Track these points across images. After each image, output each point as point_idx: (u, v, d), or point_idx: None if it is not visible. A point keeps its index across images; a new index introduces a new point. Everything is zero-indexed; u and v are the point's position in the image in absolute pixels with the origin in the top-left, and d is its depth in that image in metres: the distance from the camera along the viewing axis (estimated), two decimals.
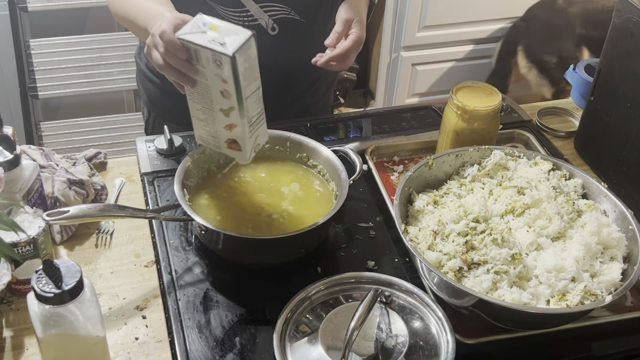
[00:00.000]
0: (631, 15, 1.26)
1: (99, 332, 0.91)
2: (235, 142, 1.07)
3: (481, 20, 2.84)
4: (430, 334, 0.98)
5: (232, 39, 0.95)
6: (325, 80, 1.59)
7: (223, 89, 0.99)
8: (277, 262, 1.15)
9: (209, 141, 1.10)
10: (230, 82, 0.97)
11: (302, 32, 1.39)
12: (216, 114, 1.04)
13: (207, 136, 1.10)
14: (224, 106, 1.02)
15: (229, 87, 0.98)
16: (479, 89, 1.28)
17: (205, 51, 0.96)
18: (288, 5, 1.35)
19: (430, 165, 1.18)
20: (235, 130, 1.04)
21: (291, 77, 1.49)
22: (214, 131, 1.07)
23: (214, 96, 1.02)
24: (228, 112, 1.02)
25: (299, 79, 1.51)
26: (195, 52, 0.98)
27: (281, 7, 1.35)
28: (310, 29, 1.40)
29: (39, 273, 0.86)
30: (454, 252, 1.02)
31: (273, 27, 1.36)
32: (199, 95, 1.04)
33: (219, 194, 1.20)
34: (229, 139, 1.07)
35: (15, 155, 1.07)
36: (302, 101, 1.55)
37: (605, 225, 1.06)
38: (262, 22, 1.35)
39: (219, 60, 0.95)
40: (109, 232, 1.21)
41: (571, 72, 1.64)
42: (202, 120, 1.07)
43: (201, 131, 1.10)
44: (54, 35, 2.55)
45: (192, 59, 0.99)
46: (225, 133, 1.06)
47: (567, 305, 0.97)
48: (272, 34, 1.37)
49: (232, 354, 1.00)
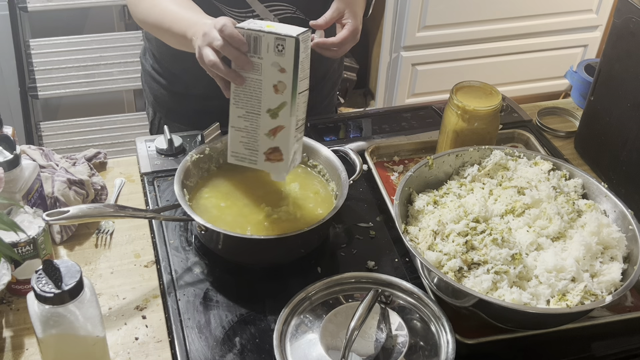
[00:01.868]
0: (631, 15, 1.26)
1: (99, 332, 0.91)
2: (277, 150, 1.05)
3: (481, 20, 2.84)
4: (430, 334, 0.98)
5: (291, 29, 0.97)
6: (330, 79, 1.59)
7: (278, 81, 0.99)
8: (277, 262, 1.15)
9: (245, 156, 1.08)
10: (289, 70, 0.97)
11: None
12: (262, 118, 1.03)
13: (244, 150, 1.08)
14: (273, 105, 1.01)
15: (286, 77, 0.98)
16: (479, 89, 1.28)
17: (268, 37, 0.96)
18: (294, 5, 1.35)
19: (430, 165, 1.18)
20: (280, 134, 1.03)
21: None
22: (253, 142, 1.06)
23: (264, 94, 1.01)
24: (277, 112, 1.01)
25: None
26: (256, 40, 0.97)
27: (287, 6, 1.35)
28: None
29: (38, 273, 0.86)
30: (454, 252, 1.02)
31: None
32: (245, 97, 1.03)
33: (219, 194, 1.20)
34: (269, 148, 1.05)
35: (15, 155, 1.07)
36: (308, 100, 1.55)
37: (605, 225, 1.06)
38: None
39: (281, 45, 0.96)
40: (108, 232, 1.21)
41: (571, 72, 1.64)
42: (241, 130, 1.06)
43: (237, 145, 1.08)
44: (54, 35, 2.55)
45: (249, 52, 0.99)
46: (267, 141, 1.05)
47: (567, 305, 0.97)
48: None
49: (232, 354, 1.00)
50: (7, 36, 2.46)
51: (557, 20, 2.95)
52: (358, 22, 1.27)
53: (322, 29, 1.26)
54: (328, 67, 1.55)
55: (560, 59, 3.04)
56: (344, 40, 1.24)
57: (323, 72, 1.55)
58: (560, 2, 2.89)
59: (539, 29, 2.95)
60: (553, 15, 2.93)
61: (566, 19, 2.96)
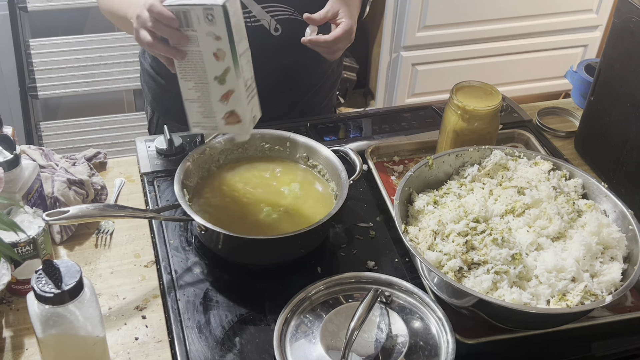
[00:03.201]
0: (631, 15, 1.26)
1: (99, 332, 0.91)
2: (234, 113, 1.07)
3: (481, 20, 2.84)
4: (430, 334, 0.98)
5: None
6: (329, 79, 1.59)
7: (217, 48, 1.01)
8: (277, 262, 1.15)
9: (206, 124, 1.10)
10: (224, 36, 0.99)
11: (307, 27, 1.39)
12: (211, 87, 1.05)
13: (203, 119, 1.09)
14: (218, 72, 1.03)
15: (223, 43, 1.00)
16: (479, 89, 1.28)
17: (196, 9, 0.98)
18: (291, 6, 1.35)
19: (430, 165, 1.18)
20: (232, 97, 1.05)
21: (295, 76, 1.49)
22: (209, 109, 1.08)
23: (207, 63, 1.03)
24: (223, 77, 1.03)
25: (303, 78, 1.51)
26: (185, 15, 0.99)
27: (284, 7, 1.35)
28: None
29: (38, 273, 0.86)
30: (454, 252, 1.02)
31: (276, 27, 1.36)
32: (191, 69, 1.04)
33: (219, 194, 1.20)
34: (226, 113, 1.07)
35: (15, 155, 1.07)
36: (307, 100, 1.55)
37: (605, 225, 1.06)
38: (265, 23, 1.35)
39: (210, 15, 0.97)
40: (108, 232, 1.21)
41: (571, 72, 1.64)
42: (196, 101, 1.07)
43: (195, 115, 1.09)
44: (54, 35, 2.55)
45: (182, 27, 1.00)
46: (222, 107, 1.06)
47: (567, 305, 0.97)
48: (275, 34, 1.37)
49: (232, 354, 1.00)
50: (7, 36, 2.46)
51: (557, 20, 2.95)
52: (352, 22, 1.27)
53: (316, 25, 1.26)
54: (327, 67, 1.55)
55: (560, 59, 3.04)
56: (337, 39, 1.24)
57: (322, 72, 1.55)
58: (560, 2, 2.89)
59: (539, 29, 2.95)
60: (553, 15, 2.93)
61: (566, 19, 2.96)
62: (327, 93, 1.62)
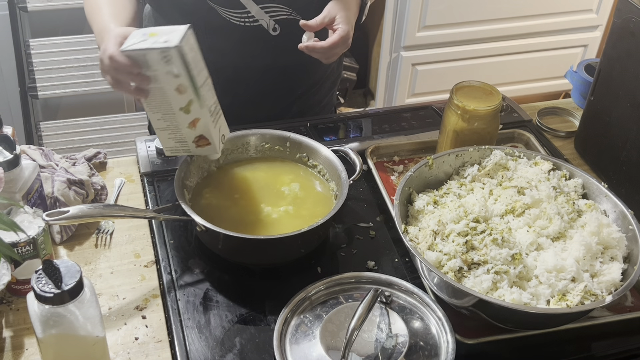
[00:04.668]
0: (631, 15, 1.26)
1: (99, 332, 0.91)
2: (203, 137, 1.11)
3: (481, 20, 2.84)
4: (430, 334, 0.98)
5: (171, 36, 1.01)
6: (328, 78, 1.59)
7: (177, 84, 1.04)
8: (277, 262, 1.15)
9: (179, 148, 1.15)
10: (183, 73, 1.02)
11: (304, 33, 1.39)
12: (177, 116, 1.08)
13: (175, 144, 1.14)
14: (182, 103, 1.06)
15: (183, 79, 1.03)
16: (479, 89, 1.28)
17: (152, 52, 1.01)
18: (289, 6, 1.35)
19: (430, 165, 1.18)
20: (199, 124, 1.09)
21: (294, 76, 1.49)
22: (180, 135, 1.12)
23: (171, 98, 1.06)
24: (188, 108, 1.07)
25: (302, 78, 1.51)
26: (144, 58, 1.02)
27: (282, 7, 1.35)
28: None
29: (38, 273, 0.86)
30: (454, 252, 1.02)
31: (275, 27, 1.36)
32: (156, 104, 1.08)
33: (218, 194, 1.20)
34: (195, 137, 1.12)
35: (15, 155, 1.07)
36: (305, 100, 1.55)
37: (605, 225, 1.06)
38: (264, 23, 1.35)
39: (167, 56, 1.00)
40: (108, 232, 1.21)
41: (571, 72, 1.64)
42: (166, 130, 1.12)
43: (168, 141, 1.14)
44: (54, 35, 2.55)
45: (142, 68, 1.03)
46: (191, 132, 1.11)
47: (567, 305, 0.97)
48: (273, 34, 1.37)
49: (232, 354, 1.00)
50: (7, 36, 2.46)
51: (557, 20, 2.95)
52: (349, 27, 1.27)
53: (312, 31, 1.26)
54: (327, 67, 1.55)
55: (560, 59, 3.04)
56: (334, 45, 1.24)
57: (321, 73, 1.55)
58: (560, 2, 2.89)
59: (539, 29, 2.95)
60: (553, 15, 2.93)
61: (566, 19, 2.96)
62: (327, 92, 1.62)
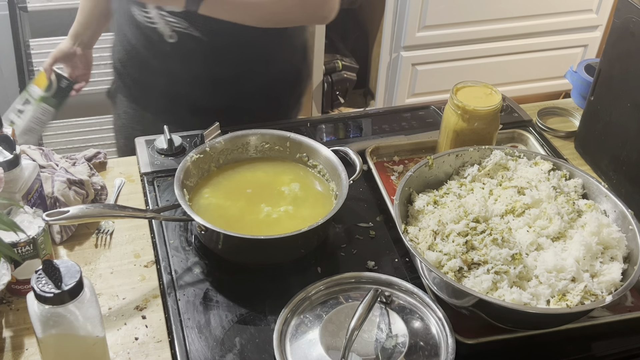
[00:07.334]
0: (631, 15, 1.26)
1: (99, 332, 0.91)
2: None
3: (481, 20, 2.84)
4: (430, 334, 0.98)
5: None
6: (285, 80, 1.53)
7: None
8: (277, 262, 1.15)
9: None
10: None
11: (199, 47, 1.37)
12: None
13: None
14: None
15: None
16: (479, 89, 1.28)
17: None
18: (186, 21, 1.33)
19: (430, 165, 1.18)
20: None
21: (203, 86, 1.45)
22: None
23: None
24: None
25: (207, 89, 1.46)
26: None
27: (178, 19, 1.33)
28: (209, 45, 1.37)
29: (38, 273, 0.86)
30: (454, 252, 1.02)
31: (171, 35, 1.36)
32: None
33: (218, 194, 1.20)
34: None
35: (15, 155, 1.07)
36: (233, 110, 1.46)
37: (605, 225, 1.06)
38: (160, 27, 1.35)
39: None
40: (108, 232, 1.21)
41: (571, 72, 1.64)
42: None
43: None
44: (54, 35, 2.55)
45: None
46: None
47: (567, 305, 0.97)
48: (170, 42, 1.37)
49: (232, 354, 1.00)
50: (7, 36, 2.46)
51: (557, 20, 2.95)
52: None
53: None
54: (282, 68, 1.50)
55: (560, 59, 3.04)
56: None
57: (275, 73, 1.49)
58: (560, 2, 2.89)
59: (539, 29, 2.95)
60: (553, 15, 2.93)
61: (566, 19, 2.96)
62: (284, 96, 1.56)
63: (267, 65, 1.46)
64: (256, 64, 1.43)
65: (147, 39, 1.39)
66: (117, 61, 1.54)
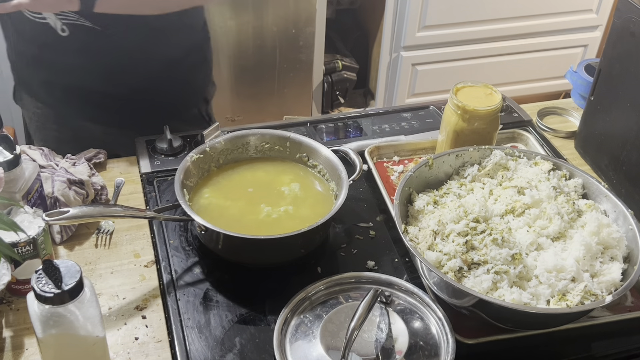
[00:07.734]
0: (631, 15, 1.26)
1: (99, 332, 0.91)
2: None
3: (481, 20, 2.84)
4: (430, 334, 0.98)
5: None
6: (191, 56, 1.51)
7: None
8: (277, 262, 1.15)
9: None
10: None
11: (94, 37, 1.34)
12: None
13: None
14: None
15: None
16: (479, 89, 1.28)
17: None
18: (77, 13, 1.30)
19: (430, 165, 1.18)
20: None
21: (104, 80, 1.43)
22: None
23: None
24: None
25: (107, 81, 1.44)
26: None
27: (70, 12, 1.30)
28: (104, 34, 1.34)
29: (38, 273, 0.86)
30: (454, 252, 1.02)
31: (62, 28, 1.33)
32: None
33: (219, 194, 1.20)
34: None
35: (15, 155, 1.07)
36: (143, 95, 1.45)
37: (605, 225, 1.06)
38: (51, 22, 1.32)
39: None
40: (108, 232, 1.21)
41: (571, 72, 1.64)
42: None
43: None
44: None
45: None
46: None
47: (567, 305, 0.97)
48: (63, 35, 1.34)
49: (232, 354, 1.00)
50: None
51: (557, 20, 2.95)
52: None
53: None
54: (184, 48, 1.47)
55: (560, 59, 3.05)
56: None
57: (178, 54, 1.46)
58: (560, 2, 2.89)
59: (539, 29, 2.95)
60: (553, 15, 2.93)
61: (566, 19, 2.96)
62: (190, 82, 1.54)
63: (168, 48, 1.43)
64: (155, 47, 1.40)
65: (39, 35, 1.36)
66: (15, 62, 1.50)
